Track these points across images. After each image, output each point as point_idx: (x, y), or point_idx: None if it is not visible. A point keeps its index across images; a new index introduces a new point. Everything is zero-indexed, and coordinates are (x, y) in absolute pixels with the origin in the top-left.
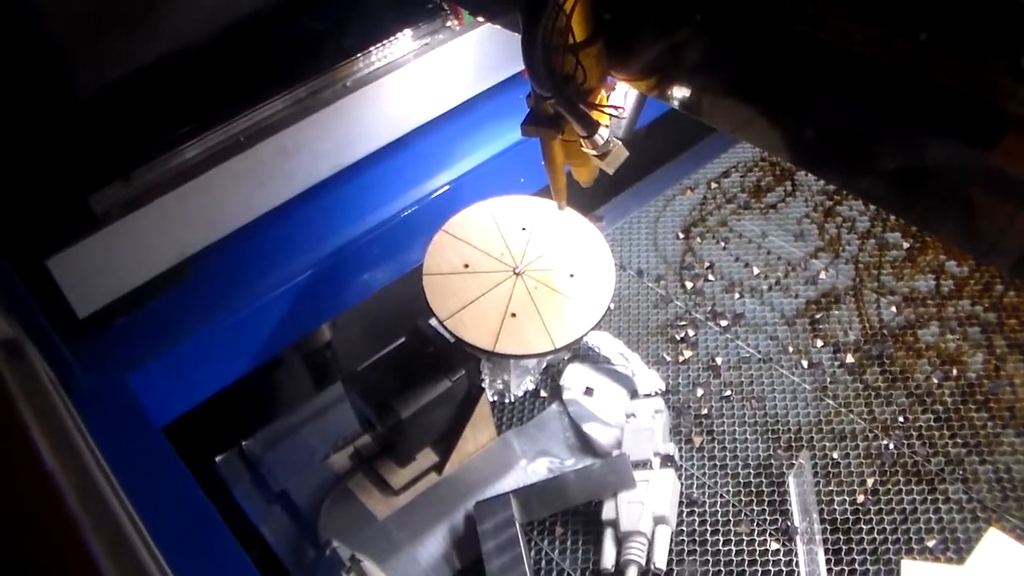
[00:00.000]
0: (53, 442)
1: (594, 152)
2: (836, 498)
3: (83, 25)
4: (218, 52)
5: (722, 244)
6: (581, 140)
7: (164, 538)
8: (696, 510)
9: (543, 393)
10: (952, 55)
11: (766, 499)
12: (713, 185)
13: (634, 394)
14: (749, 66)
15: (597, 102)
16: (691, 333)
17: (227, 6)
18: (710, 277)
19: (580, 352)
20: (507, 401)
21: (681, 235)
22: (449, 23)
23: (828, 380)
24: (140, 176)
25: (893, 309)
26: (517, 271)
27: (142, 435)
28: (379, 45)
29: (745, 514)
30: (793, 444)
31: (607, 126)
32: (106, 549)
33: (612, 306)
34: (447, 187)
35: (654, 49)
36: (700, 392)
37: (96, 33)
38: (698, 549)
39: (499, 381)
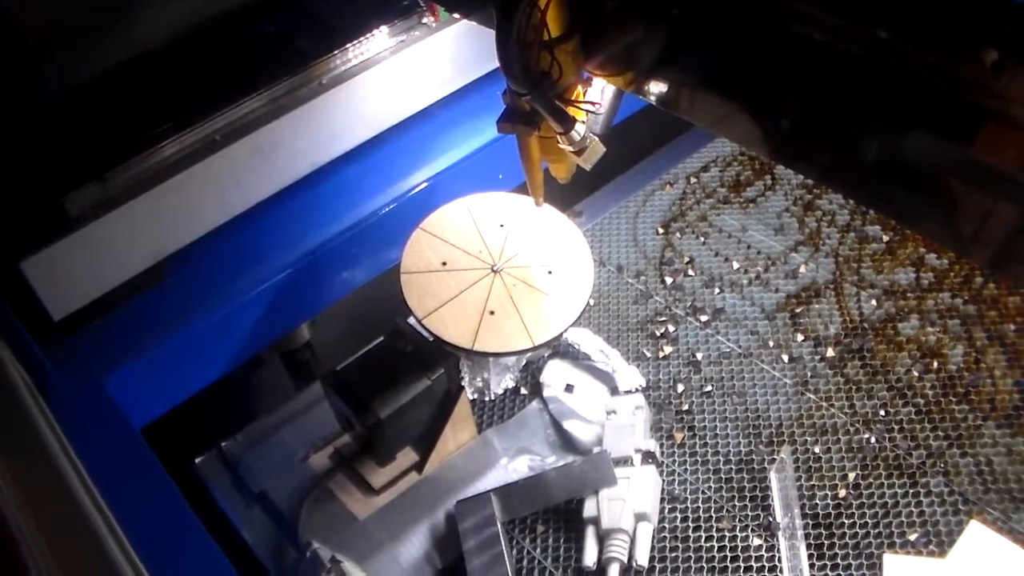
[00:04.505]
0: (12, 450)
1: (571, 148)
2: (818, 493)
3: (56, 25)
4: (192, 51)
5: (702, 239)
6: (558, 136)
7: (142, 541)
8: (678, 506)
9: (523, 391)
10: (929, 49)
11: (748, 495)
12: (692, 180)
13: (614, 391)
14: (726, 61)
15: (573, 98)
16: (671, 329)
17: (200, 5)
18: (690, 272)
19: (560, 349)
20: (487, 399)
21: (661, 230)
22: (425, 20)
23: (809, 374)
24: (115, 177)
25: (873, 302)
26: (495, 268)
27: (120, 438)
28: (355, 42)
29: (727, 510)
30: (774, 439)
31: (584, 122)
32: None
33: (592, 302)
34: (425, 184)
35: (630, 45)
36: (681, 388)
37: (69, 33)
38: (680, 546)
39: (479, 379)
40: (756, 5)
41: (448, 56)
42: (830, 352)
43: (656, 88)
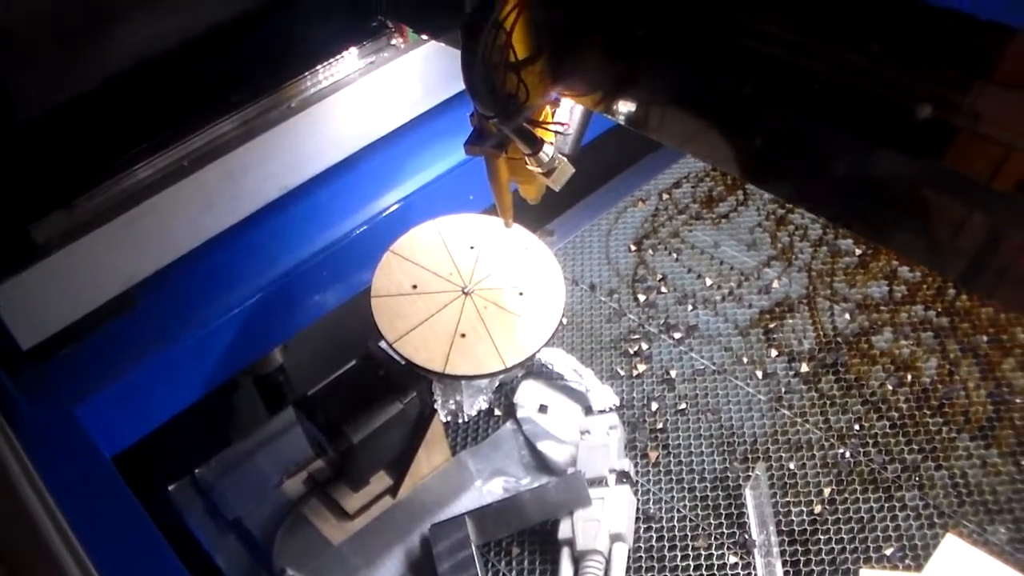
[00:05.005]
0: None
1: (539, 170)
2: (793, 509)
3: (22, 50)
4: (160, 76)
5: (674, 256)
6: (526, 158)
7: (112, 572)
8: (653, 526)
9: (497, 412)
10: (898, 68)
11: (723, 512)
12: (665, 196)
13: (588, 410)
14: (695, 81)
15: (541, 119)
16: (645, 347)
17: (167, 30)
18: (663, 289)
19: (533, 369)
20: (460, 421)
21: (633, 247)
22: (394, 41)
23: (783, 390)
24: (83, 204)
25: (847, 316)
26: (466, 291)
27: (91, 467)
28: (324, 64)
29: (703, 528)
30: (749, 456)
31: (552, 143)
32: None
33: (565, 321)
34: (396, 206)
35: (597, 65)
36: (655, 406)
37: (36, 58)
38: (656, 565)
39: (451, 401)
40: (722, 26)
41: (417, 77)
42: (804, 367)
43: (624, 108)
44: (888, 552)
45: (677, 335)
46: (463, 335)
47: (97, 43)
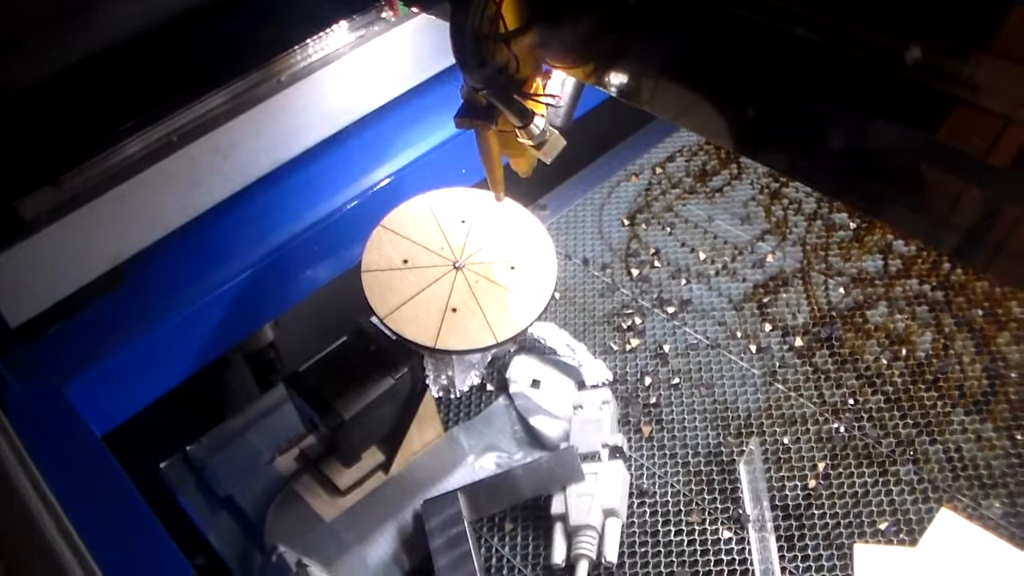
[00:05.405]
0: None
1: (530, 143)
2: (787, 484)
3: (7, 24)
4: (148, 50)
5: (668, 230)
6: (516, 131)
7: (103, 551)
8: (647, 501)
9: (489, 387)
10: (894, 38)
11: (717, 487)
12: (658, 170)
13: (581, 385)
14: (687, 52)
15: (532, 91)
16: (638, 321)
17: (157, 4)
18: (656, 264)
19: (526, 344)
20: (452, 397)
21: (626, 222)
22: (384, 14)
23: (777, 364)
24: (70, 180)
25: (841, 291)
26: (457, 265)
27: (81, 446)
28: (313, 38)
29: (696, 503)
30: (743, 430)
31: (543, 115)
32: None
33: (557, 296)
34: (388, 180)
35: (588, 36)
36: (648, 381)
37: (21, 32)
38: (649, 540)
39: (443, 377)
40: None
41: (408, 51)
42: (798, 341)
43: (616, 80)
44: (882, 527)
45: (670, 309)
46: (454, 310)
47: (84, 17)
